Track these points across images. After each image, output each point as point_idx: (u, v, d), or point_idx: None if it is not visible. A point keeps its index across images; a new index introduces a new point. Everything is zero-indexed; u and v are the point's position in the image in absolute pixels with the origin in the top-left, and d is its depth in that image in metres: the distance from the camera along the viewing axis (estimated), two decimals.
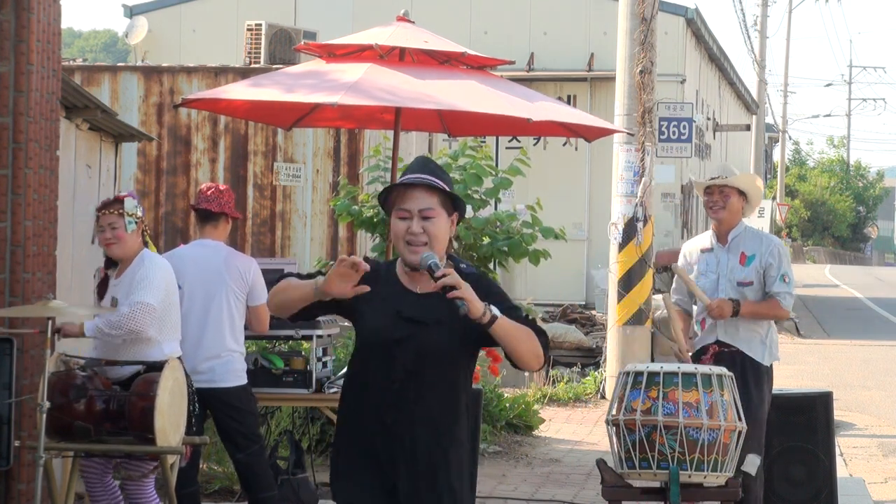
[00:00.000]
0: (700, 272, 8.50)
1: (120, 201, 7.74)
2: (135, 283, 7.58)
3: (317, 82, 8.93)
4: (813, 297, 37.28)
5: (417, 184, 4.98)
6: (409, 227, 4.95)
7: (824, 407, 8.73)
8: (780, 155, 59.51)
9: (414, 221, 4.95)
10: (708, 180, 8.51)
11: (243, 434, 8.47)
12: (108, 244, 7.70)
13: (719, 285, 8.42)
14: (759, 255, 8.44)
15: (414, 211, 4.96)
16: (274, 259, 13.88)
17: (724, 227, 8.48)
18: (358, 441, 5.02)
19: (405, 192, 4.99)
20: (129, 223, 7.68)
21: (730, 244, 8.48)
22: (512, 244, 11.85)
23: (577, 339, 19.31)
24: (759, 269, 8.42)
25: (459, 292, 4.76)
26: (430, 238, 4.95)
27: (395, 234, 5.00)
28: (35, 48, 7.43)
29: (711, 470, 7.49)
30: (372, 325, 4.99)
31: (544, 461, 12.45)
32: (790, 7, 56.57)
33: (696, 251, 8.60)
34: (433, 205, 4.98)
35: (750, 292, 8.40)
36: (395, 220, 5.00)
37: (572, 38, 26.52)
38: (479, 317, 4.80)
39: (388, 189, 5.07)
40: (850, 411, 16.17)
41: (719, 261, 8.47)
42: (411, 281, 5.03)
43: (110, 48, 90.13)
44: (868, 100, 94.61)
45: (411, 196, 4.98)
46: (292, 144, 16.15)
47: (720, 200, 8.46)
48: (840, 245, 74.13)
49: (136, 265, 7.68)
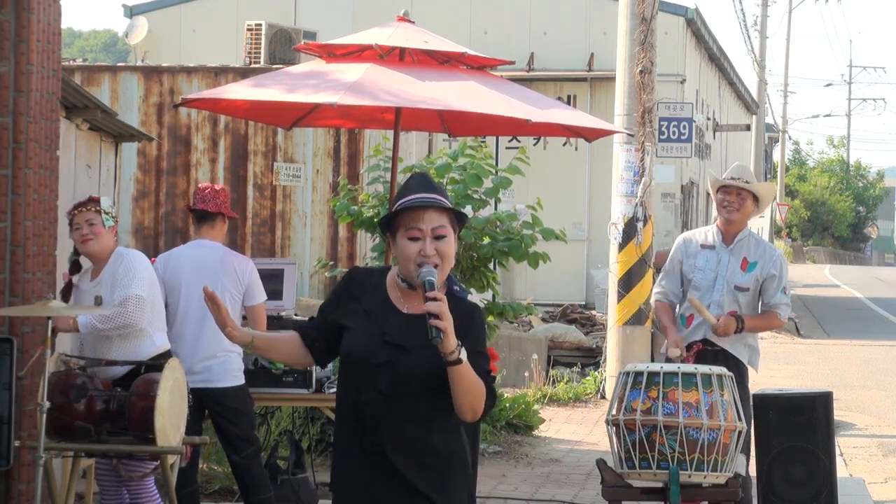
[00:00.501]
0: (698, 267, 8.45)
1: (95, 200, 7.75)
2: (119, 277, 7.58)
3: (317, 82, 8.93)
4: (813, 297, 37.27)
5: (429, 205, 4.83)
6: (421, 249, 4.79)
7: (824, 407, 8.72)
8: (780, 155, 59.54)
9: (427, 242, 4.80)
10: (728, 179, 8.45)
11: (238, 436, 8.47)
12: (85, 240, 7.66)
13: (716, 284, 8.40)
14: (761, 263, 8.43)
15: (427, 231, 4.81)
16: (274, 259, 13.87)
17: (734, 228, 8.46)
18: (347, 455, 4.90)
19: (416, 213, 4.82)
20: (106, 220, 7.68)
21: (734, 246, 8.46)
22: (512, 245, 11.85)
23: (577, 339, 19.31)
24: (758, 278, 8.42)
25: (440, 323, 4.64)
26: (442, 258, 4.82)
27: (405, 256, 4.82)
28: (35, 48, 7.43)
29: (711, 470, 7.49)
30: (354, 343, 4.85)
31: (544, 461, 12.45)
32: (790, 7, 56.62)
33: (696, 244, 8.54)
34: (444, 223, 4.84)
35: (744, 298, 8.38)
36: (404, 242, 4.82)
37: (572, 38, 26.54)
38: (447, 353, 4.68)
39: (396, 211, 4.86)
40: (850, 411, 16.17)
41: (720, 260, 8.44)
42: (401, 298, 4.90)
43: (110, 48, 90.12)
44: (868, 100, 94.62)
45: (423, 216, 4.82)
46: (292, 144, 16.15)
47: (736, 202, 8.41)
48: (840, 245, 74.13)
49: (116, 261, 7.68)
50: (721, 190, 8.45)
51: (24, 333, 7.37)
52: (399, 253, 4.85)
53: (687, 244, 8.57)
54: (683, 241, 8.65)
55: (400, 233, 4.84)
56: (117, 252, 7.73)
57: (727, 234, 8.47)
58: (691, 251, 8.51)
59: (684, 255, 8.53)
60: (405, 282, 4.87)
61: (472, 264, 12.26)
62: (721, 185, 8.45)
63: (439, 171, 12.19)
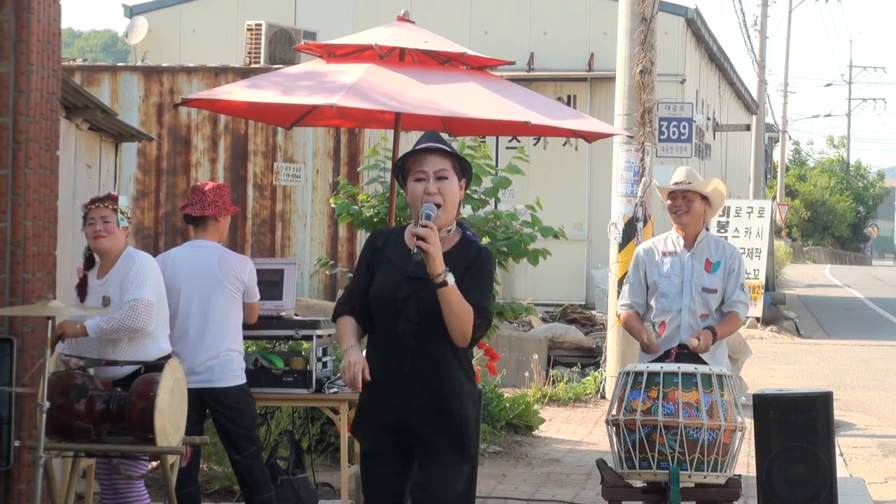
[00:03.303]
0: (663, 274, 8.36)
1: (113, 198, 7.74)
2: (129, 280, 7.58)
3: (316, 83, 8.92)
4: (813, 297, 37.27)
5: (433, 149, 5.54)
6: (426, 188, 5.51)
7: (824, 407, 8.73)
8: (780, 155, 59.52)
9: (430, 182, 5.51)
10: (672, 184, 8.47)
11: (240, 435, 8.47)
12: (97, 236, 7.64)
13: (684, 289, 8.32)
14: (723, 261, 8.37)
15: (430, 172, 5.52)
16: (274, 259, 13.87)
17: (690, 231, 8.40)
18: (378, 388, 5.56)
19: (421, 157, 5.54)
20: (120, 219, 7.68)
21: (695, 249, 8.39)
22: (511, 244, 11.84)
23: (577, 339, 19.31)
24: (723, 277, 8.36)
25: (423, 244, 5.36)
26: (444, 198, 5.51)
27: (412, 196, 5.53)
28: (35, 48, 7.43)
29: (711, 470, 7.49)
30: (382, 283, 5.55)
31: (544, 461, 12.45)
32: (790, 7, 56.57)
33: (658, 252, 8.41)
34: (447, 167, 5.55)
35: (713, 300, 8.31)
36: (412, 184, 5.55)
37: (572, 38, 26.53)
38: (433, 275, 5.40)
39: (405, 156, 5.57)
40: (850, 411, 16.17)
41: (684, 265, 8.35)
42: None
43: (110, 48, 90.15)
44: (868, 100, 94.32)
45: (427, 160, 5.54)
46: (292, 144, 16.16)
47: (683, 205, 8.38)
48: (840, 245, 74.12)
49: (125, 263, 7.66)
50: (669, 196, 8.41)
51: (23, 333, 7.37)
52: (409, 195, 5.56)
53: (648, 254, 8.45)
54: (644, 251, 8.51)
55: (409, 178, 5.56)
56: (127, 253, 7.72)
57: (686, 237, 8.39)
58: (654, 259, 8.41)
59: (647, 264, 8.42)
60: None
61: None
62: (666, 191, 8.42)
63: None
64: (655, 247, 8.50)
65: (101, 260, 7.74)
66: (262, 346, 9.72)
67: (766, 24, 45.81)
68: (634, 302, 8.43)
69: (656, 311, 8.36)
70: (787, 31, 58.87)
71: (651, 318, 8.41)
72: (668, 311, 8.30)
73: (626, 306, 8.47)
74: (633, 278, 8.49)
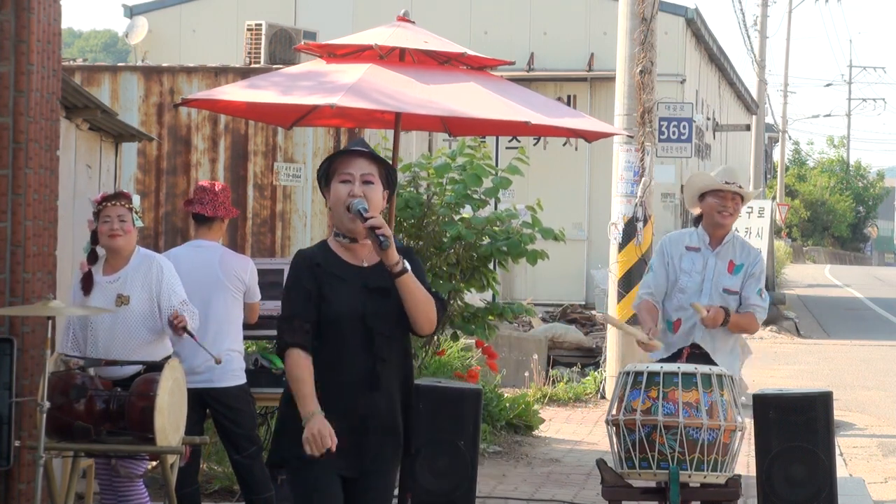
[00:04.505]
0: (683, 269, 8.29)
1: (127, 196, 7.73)
2: (165, 284, 7.59)
3: (316, 83, 8.93)
4: (813, 297, 37.27)
5: (362, 153, 5.40)
6: (351, 190, 5.33)
7: (824, 407, 8.73)
8: (780, 155, 59.49)
9: (356, 184, 5.36)
10: (723, 183, 8.31)
11: (240, 435, 8.47)
12: (113, 235, 7.62)
13: (703, 287, 8.25)
14: (746, 265, 8.31)
15: (356, 175, 5.36)
16: (274, 259, 13.87)
17: (722, 232, 8.33)
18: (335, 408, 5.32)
19: (349, 159, 5.40)
20: (135, 219, 7.69)
21: (721, 249, 8.31)
22: (511, 244, 11.85)
23: (577, 339, 19.32)
24: (743, 280, 8.30)
25: (386, 230, 5.23)
26: (369, 203, 5.33)
27: (336, 198, 5.36)
28: (35, 48, 7.43)
29: (711, 470, 7.50)
30: (342, 301, 5.33)
31: (544, 461, 12.45)
32: (790, 7, 56.56)
33: (680, 246, 8.33)
34: (374, 172, 5.40)
35: (734, 301, 8.25)
36: (336, 185, 5.37)
37: (572, 38, 26.53)
38: (392, 263, 5.25)
39: (331, 157, 5.43)
40: (850, 411, 16.17)
41: (706, 263, 8.27)
42: (353, 256, 5.42)
43: (110, 48, 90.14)
44: (868, 100, 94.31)
45: (355, 162, 5.39)
46: (292, 144, 16.16)
47: (731, 206, 8.26)
48: (840, 245, 74.12)
49: (143, 263, 7.65)
50: (714, 194, 8.27)
51: (23, 333, 7.37)
52: (332, 198, 5.39)
53: (674, 243, 8.35)
54: (670, 239, 8.42)
55: (334, 179, 5.40)
56: (142, 254, 7.72)
57: (714, 237, 8.29)
58: (678, 252, 8.32)
59: (671, 255, 8.31)
60: (344, 237, 5.39)
61: (472, 264, 12.28)
62: (715, 188, 8.29)
63: (438, 171, 12.19)
64: (681, 239, 8.41)
65: (110, 257, 7.71)
66: (262, 346, 9.72)
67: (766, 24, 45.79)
68: (655, 289, 8.32)
69: (674, 307, 8.28)
70: (787, 31, 58.86)
71: (669, 311, 8.30)
72: (685, 308, 8.23)
73: (647, 294, 8.35)
74: (658, 262, 8.36)
